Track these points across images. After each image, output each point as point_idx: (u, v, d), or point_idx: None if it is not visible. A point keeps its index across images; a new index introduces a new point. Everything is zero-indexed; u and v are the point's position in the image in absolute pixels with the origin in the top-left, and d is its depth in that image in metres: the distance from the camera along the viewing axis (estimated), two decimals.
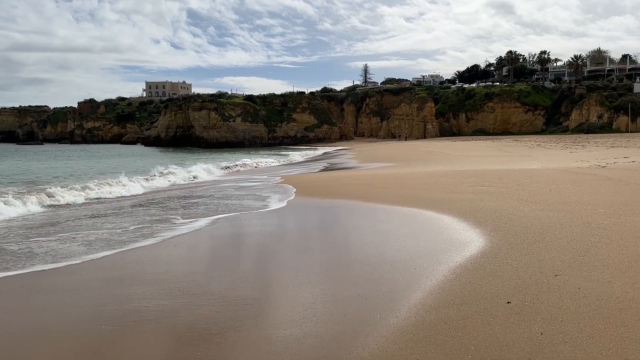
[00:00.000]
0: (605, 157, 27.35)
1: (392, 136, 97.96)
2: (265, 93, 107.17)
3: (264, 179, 24.71)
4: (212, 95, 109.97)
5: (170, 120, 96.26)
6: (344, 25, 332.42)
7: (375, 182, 20.29)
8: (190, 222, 12.57)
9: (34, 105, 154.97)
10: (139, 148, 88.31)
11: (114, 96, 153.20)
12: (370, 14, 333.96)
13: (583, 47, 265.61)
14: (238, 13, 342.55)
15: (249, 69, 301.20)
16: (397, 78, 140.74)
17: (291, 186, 19.90)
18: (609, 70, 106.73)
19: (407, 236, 10.26)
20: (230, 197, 17.98)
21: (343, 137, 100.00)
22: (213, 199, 17.32)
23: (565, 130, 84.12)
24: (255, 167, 38.12)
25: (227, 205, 15.64)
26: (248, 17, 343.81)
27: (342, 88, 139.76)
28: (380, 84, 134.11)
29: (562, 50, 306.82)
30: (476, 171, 22.24)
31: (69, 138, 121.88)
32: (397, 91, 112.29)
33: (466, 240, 9.44)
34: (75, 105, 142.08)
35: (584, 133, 76.51)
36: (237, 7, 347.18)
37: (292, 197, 16.65)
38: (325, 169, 33.47)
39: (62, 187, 19.80)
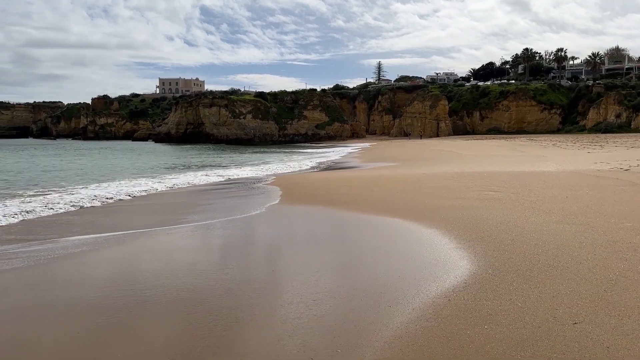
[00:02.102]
0: (627, 159, 25.32)
1: (405, 134, 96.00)
2: (277, 90, 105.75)
3: (254, 178, 23.03)
4: (224, 92, 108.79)
5: (181, 116, 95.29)
6: (357, 23, 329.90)
7: (373, 185, 18.48)
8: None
9: (48, 101, 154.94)
10: (149, 145, 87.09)
11: (128, 92, 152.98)
12: (384, 11, 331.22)
13: (601, 45, 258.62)
14: (251, 10, 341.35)
15: (262, 67, 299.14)
16: (410, 76, 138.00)
17: (278, 188, 18.14)
18: (627, 69, 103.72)
19: (391, 257, 8.46)
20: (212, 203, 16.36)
21: (354, 135, 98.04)
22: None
23: (582, 130, 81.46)
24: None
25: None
26: (261, 14, 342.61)
27: (355, 85, 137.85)
28: (394, 81, 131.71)
29: (580, 48, 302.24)
30: (484, 173, 20.35)
31: (82, 134, 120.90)
32: (410, 89, 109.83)
33: (461, 264, 7.67)
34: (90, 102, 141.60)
35: (602, 132, 73.89)
36: (250, 4, 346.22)
37: (275, 202, 14.87)
38: (328, 168, 31.73)
39: None
